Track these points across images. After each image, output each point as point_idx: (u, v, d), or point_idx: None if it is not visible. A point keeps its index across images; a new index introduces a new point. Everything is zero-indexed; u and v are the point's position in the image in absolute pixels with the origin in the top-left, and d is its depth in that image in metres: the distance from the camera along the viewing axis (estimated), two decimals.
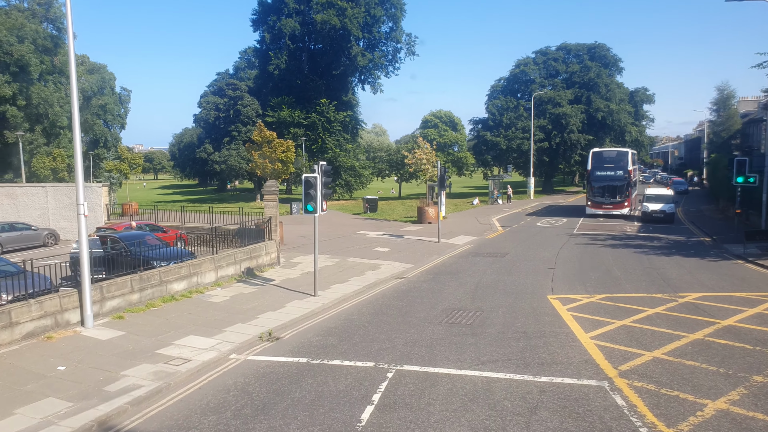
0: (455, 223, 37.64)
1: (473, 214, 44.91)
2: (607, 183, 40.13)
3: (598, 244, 27.68)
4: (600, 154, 41.57)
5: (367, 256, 24.39)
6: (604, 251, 25.59)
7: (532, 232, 33.33)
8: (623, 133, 67.92)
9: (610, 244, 27.87)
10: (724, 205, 42.77)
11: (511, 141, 65.71)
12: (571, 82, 70.22)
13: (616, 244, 27.84)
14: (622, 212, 39.85)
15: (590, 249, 26.29)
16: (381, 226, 36.04)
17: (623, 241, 28.71)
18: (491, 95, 72.83)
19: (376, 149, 77.42)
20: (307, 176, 16.61)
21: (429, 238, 30.16)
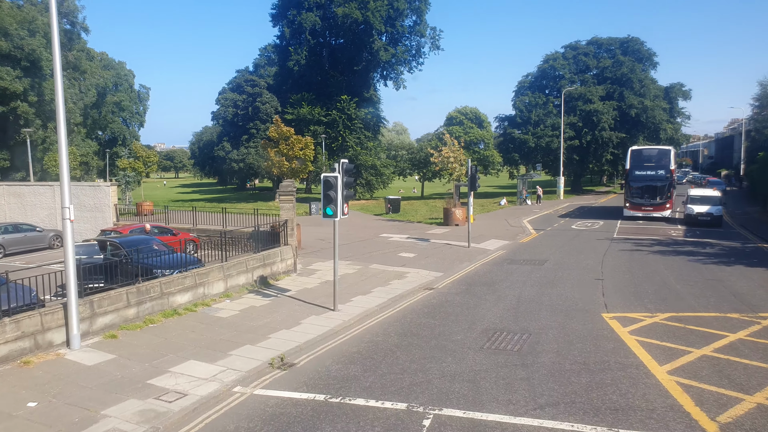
0: (484, 225, 35.39)
1: (502, 215, 42.59)
2: (647, 183, 37.52)
3: (645, 251, 25.25)
4: (640, 152, 38.96)
5: (392, 263, 22.32)
6: (653, 259, 23.17)
7: (569, 236, 30.96)
8: (658, 130, 64.83)
9: (658, 250, 25.41)
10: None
11: (540, 139, 63.11)
12: (602, 78, 67.33)
13: (665, 250, 25.37)
14: (664, 214, 37.24)
15: (637, 256, 23.88)
16: (405, 229, 33.95)
17: (672, 247, 26.22)
18: (518, 91, 70.22)
19: (397, 147, 75.29)
20: (326, 176, 14.60)
21: (457, 242, 27.98)
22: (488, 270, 21.33)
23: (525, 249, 26.43)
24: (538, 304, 15.89)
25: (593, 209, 47.96)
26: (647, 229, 33.62)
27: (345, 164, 15.12)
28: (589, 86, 65.09)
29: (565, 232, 32.71)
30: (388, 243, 27.76)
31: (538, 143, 63.35)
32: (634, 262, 22.35)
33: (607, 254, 24.38)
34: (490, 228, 33.97)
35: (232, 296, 16.55)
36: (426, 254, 24.48)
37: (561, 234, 31.66)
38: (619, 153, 66.11)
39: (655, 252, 24.88)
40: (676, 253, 24.64)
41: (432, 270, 21.06)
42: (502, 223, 36.67)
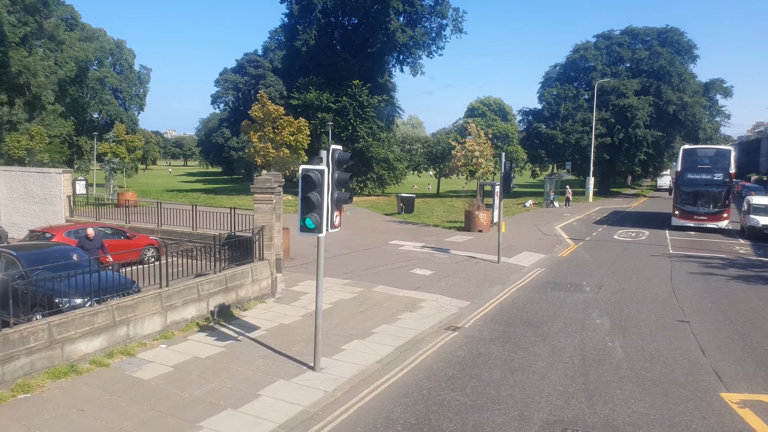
0: (512, 231, 30.30)
1: (530, 219, 37.43)
2: (701, 188, 32.23)
3: (720, 275, 20.07)
4: (694, 152, 33.60)
5: (402, 284, 17.34)
6: (739, 289, 18.01)
7: (615, 249, 25.83)
8: (696, 130, 59.13)
9: (737, 275, 20.22)
10: None
11: (569, 135, 57.68)
12: (637, 71, 61.68)
13: (747, 275, 20.16)
14: (720, 225, 31.93)
15: (715, 283, 18.73)
16: (419, 234, 28.93)
17: (753, 271, 21.02)
18: (545, 83, 64.75)
19: (411, 140, 70.14)
20: (307, 169, 9.69)
21: (484, 255, 22.95)
22: (528, 298, 16.29)
23: (568, 266, 21.34)
24: (614, 367, 10.86)
25: (630, 215, 42.63)
26: (705, 242, 28.38)
27: (338, 152, 10.20)
28: (623, 79, 59.51)
29: (608, 243, 27.55)
30: (398, 254, 22.75)
31: (567, 139, 57.95)
32: (716, 294, 17.20)
33: (674, 279, 19.24)
34: (520, 236, 28.88)
35: (172, 337, 11.66)
36: (446, 272, 19.47)
37: (604, 246, 26.51)
38: (653, 153, 60.67)
39: (735, 278, 19.68)
40: (765, 280, 19.44)
41: (455, 297, 16.06)
42: (531, 230, 31.55)
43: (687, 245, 27.40)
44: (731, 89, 62.48)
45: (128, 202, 38.29)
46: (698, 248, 26.46)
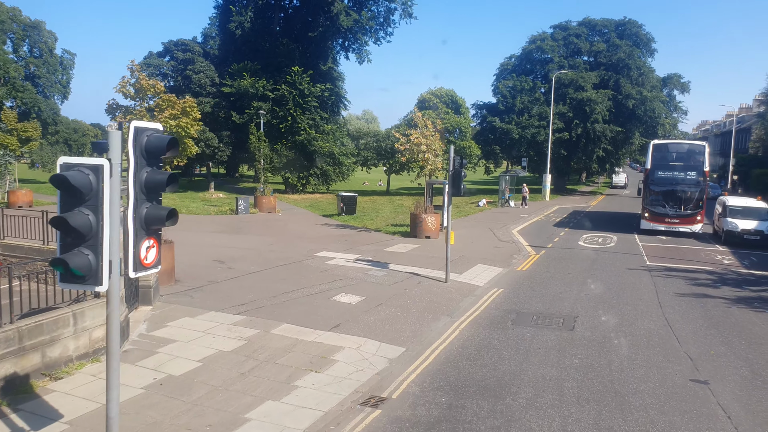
0: (464, 238, 26.26)
1: (484, 221, 33.51)
2: (673, 188, 28.92)
3: (717, 297, 16.39)
4: (664, 147, 30.28)
5: (317, 321, 12.88)
6: (748, 318, 14.26)
7: (583, 259, 22.04)
8: (655, 126, 56.79)
9: (738, 297, 16.55)
10: None
11: (525, 129, 54.28)
12: (596, 64, 58.90)
13: (751, 299, 16.50)
14: (693, 229, 28.68)
15: (715, 311, 14.96)
16: (356, 242, 24.51)
17: (754, 291, 17.43)
18: (500, 75, 61.28)
19: (361, 134, 65.72)
20: (68, 164, 5.07)
21: (430, 270, 18.74)
22: (484, 340, 12.08)
23: (531, 286, 17.30)
24: None
25: (591, 216, 39.29)
26: (681, 250, 24.96)
27: (147, 135, 5.64)
28: (581, 72, 56.55)
29: (573, 252, 23.77)
30: (323, 271, 18.24)
31: (523, 134, 54.54)
32: (723, 328, 13.38)
33: (664, 304, 15.40)
34: (473, 243, 24.83)
35: None
36: (379, 297, 15.10)
37: (570, 256, 22.69)
38: (611, 149, 58.01)
39: (734, 301, 15.99)
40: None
41: (385, 340, 11.71)
42: (486, 236, 27.56)
43: (663, 254, 23.87)
44: (688, 85, 60.55)
45: (19, 200, 32.71)
46: (676, 258, 22.94)
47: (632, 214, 40.74)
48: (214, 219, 31.14)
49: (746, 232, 26.07)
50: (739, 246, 26.04)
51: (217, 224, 28.88)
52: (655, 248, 25.24)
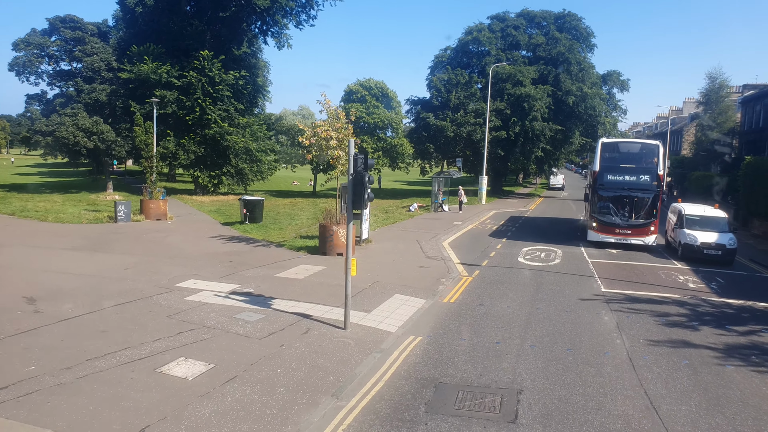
0: (385, 254, 21.72)
1: (413, 230, 29.08)
2: (625, 193, 25.31)
3: (701, 347, 12.37)
4: (614, 147, 26.65)
5: (106, 424, 7.87)
6: (757, 390, 10.24)
7: (525, 284, 17.85)
8: (596, 125, 54.07)
9: (727, 346, 12.56)
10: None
11: (461, 127, 50.30)
12: (534, 58, 55.69)
13: (743, 346, 12.58)
14: (646, 241, 25.17)
15: (709, 376, 10.86)
16: (244, 263, 19.42)
17: (744, 335, 13.54)
18: (435, 67, 57.16)
19: (296, 132, 60.26)
20: None
21: (328, 309, 13.96)
22: None
23: (458, 331, 12.81)
24: None
25: (531, 223, 35.63)
26: (636, 268, 21.24)
27: None
28: (519, 66, 53.15)
29: (513, 273, 19.59)
30: (172, 315, 13.07)
31: (458, 132, 50.57)
32: (734, 410, 9.24)
33: (637, 363, 11.20)
34: (395, 262, 20.24)
35: None
36: (236, 365, 10.19)
37: (509, 279, 18.46)
38: (550, 150, 54.91)
39: (727, 354, 11.99)
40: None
41: None
42: (412, 250, 23.04)
43: (617, 274, 20.03)
44: (628, 83, 58.06)
45: None
46: (634, 280, 19.13)
47: (574, 220, 37.39)
48: (82, 229, 25.33)
49: (706, 246, 22.65)
50: (699, 262, 22.60)
51: (80, 237, 23.15)
52: (607, 267, 21.41)
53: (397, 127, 47.65)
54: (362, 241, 23.39)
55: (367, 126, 47.33)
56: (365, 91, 47.08)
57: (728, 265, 22.63)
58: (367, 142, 46.00)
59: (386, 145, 46.84)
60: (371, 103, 46.62)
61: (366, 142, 45.97)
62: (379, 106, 47.15)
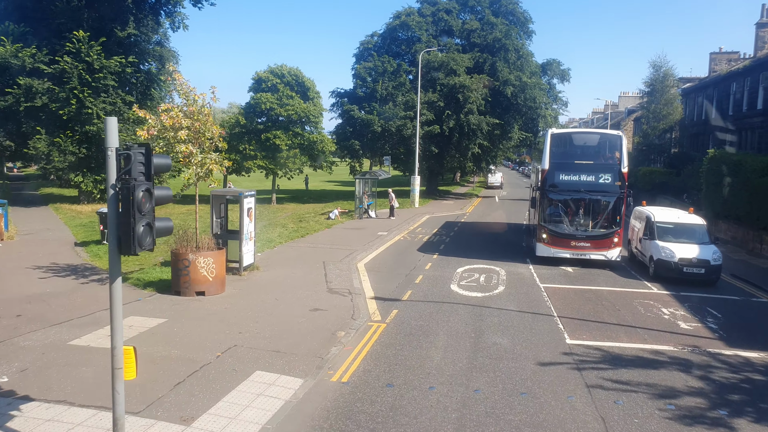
0: (268, 288, 15.81)
1: (323, 247, 23.18)
2: (581, 197, 20.35)
3: None
4: (568, 140, 21.63)
5: None
6: None
7: (458, 337, 12.36)
8: (536, 117, 49.80)
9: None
10: (746, 233, 24.92)
11: (390, 121, 44.82)
12: (469, 45, 50.89)
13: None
14: (608, 256, 20.22)
15: None
16: (41, 316, 13.08)
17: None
18: (361, 55, 51.53)
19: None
20: None
21: (127, 418, 7.86)
22: None
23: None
24: None
25: (467, 230, 30.49)
26: (603, 296, 16.18)
27: None
28: (453, 53, 48.18)
29: (442, 312, 14.10)
30: None
31: (387, 127, 45.07)
32: None
33: None
34: (279, 304, 14.31)
35: None
36: None
37: (436, 326, 12.92)
38: (488, 146, 50.22)
39: None
40: None
41: None
42: (312, 281, 17.15)
43: (581, 308, 14.88)
44: (569, 72, 54.12)
45: None
46: (604, 316, 14.02)
47: (516, 225, 32.53)
48: None
49: (686, 263, 17.87)
50: (677, 283, 17.83)
51: None
52: (566, 296, 16.26)
53: (316, 120, 41.75)
54: (242, 269, 17.41)
55: (279, 119, 41.10)
56: (276, 79, 40.84)
57: (712, 286, 17.98)
58: (280, 138, 39.81)
59: (303, 142, 40.77)
60: (284, 92, 40.45)
61: (279, 138, 39.75)
62: (294, 97, 41.00)
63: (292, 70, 41.79)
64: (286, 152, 40.06)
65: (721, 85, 45.14)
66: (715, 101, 46.45)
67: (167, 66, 56.43)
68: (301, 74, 42.02)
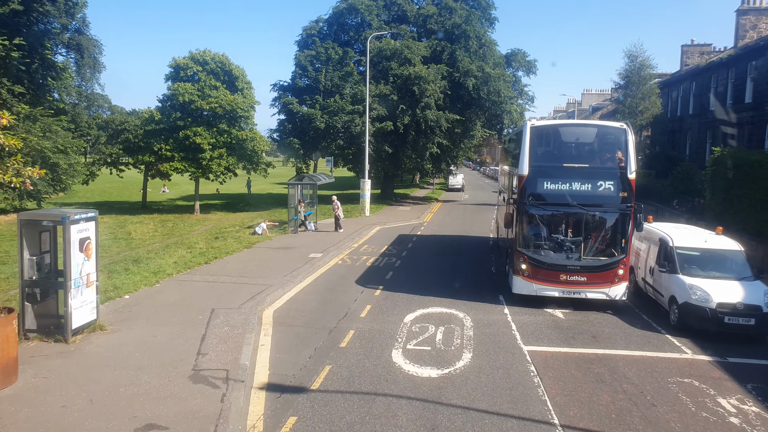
0: (94, 373, 9.70)
1: (225, 281, 17.03)
2: (574, 212, 14.80)
3: None
4: (553, 134, 15.91)
5: None
6: None
7: None
8: (500, 113, 44.52)
9: None
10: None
11: (334, 116, 38.85)
12: (426, 32, 45.43)
13: None
14: (612, 294, 14.68)
15: None
16: None
17: None
18: (304, 43, 45.42)
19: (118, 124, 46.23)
20: None
21: None
22: None
23: None
24: None
25: (424, 247, 24.80)
26: (623, 374, 10.62)
27: None
28: (407, 40, 42.57)
29: (370, 424, 8.25)
30: None
31: (332, 123, 39.07)
32: None
33: None
34: (102, 401, 8.16)
35: None
36: None
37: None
38: (447, 145, 44.80)
39: None
40: None
41: None
42: (179, 349, 11.04)
43: (592, 399, 9.32)
44: (535, 64, 49.07)
45: None
46: (631, 419, 8.50)
47: (481, 240, 27.05)
48: None
49: (729, 310, 12.51)
50: (716, 339, 12.46)
51: None
52: (565, 373, 10.66)
53: (246, 114, 35.50)
54: (69, 334, 11.23)
55: (204, 114, 34.71)
56: (198, 67, 34.42)
57: (764, 344, 12.67)
58: (202, 136, 33.39)
59: (230, 140, 34.45)
60: (207, 82, 34.10)
61: (200, 136, 33.34)
62: (219, 87, 34.66)
63: (217, 57, 35.38)
64: (209, 153, 33.66)
65: (700, 78, 41.13)
66: (692, 96, 42.34)
67: (86, 57, 49.58)
68: (228, 61, 35.64)
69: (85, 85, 50.69)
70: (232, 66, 35.81)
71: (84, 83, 50.34)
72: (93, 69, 49.71)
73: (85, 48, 46.69)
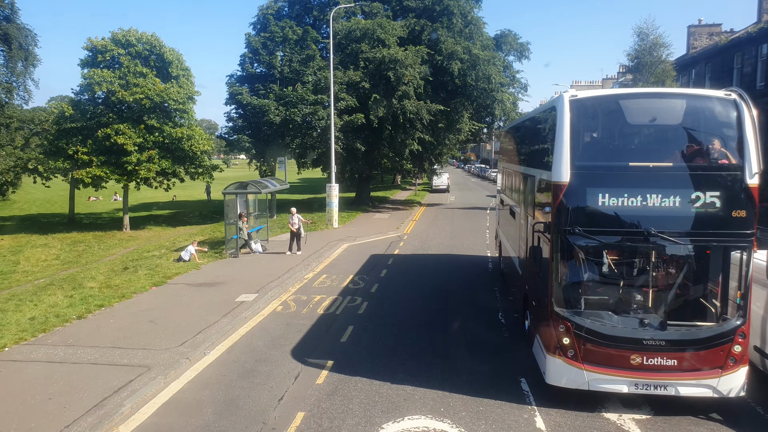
0: None
1: (83, 360, 10.53)
2: (652, 245, 8.46)
3: None
4: (611, 111, 9.49)
5: None
6: None
7: None
8: (491, 102, 38.22)
9: None
10: None
11: (293, 108, 32.30)
12: (402, 9, 39.09)
13: None
14: (722, 387, 8.38)
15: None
16: None
17: None
18: (261, 25, 38.76)
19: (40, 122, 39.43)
20: None
21: None
22: None
23: None
24: None
25: (403, 275, 18.41)
26: None
27: None
28: (381, 19, 36.20)
29: None
30: None
31: (290, 117, 32.49)
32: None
33: None
34: None
35: None
36: None
37: None
38: (431, 140, 38.42)
39: None
40: None
41: None
42: None
43: None
44: (528, 47, 43.02)
45: None
46: None
47: (477, 261, 20.72)
48: None
49: None
50: None
51: None
52: None
53: (183, 107, 28.88)
54: None
55: (131, 107, 28.00)
56: (120, 50, 27.67)
57: None
58: (125, 135, 26.71)
59: (162, 139, 27.79)
60: (132, 69, 27.41)
61: (123, 135, 26.65)
62: (148, 75, 27.97)
63: (145, 37, 28.62)
64: (136, 155, 27.00)
65: (717, 59, 35.94)
66: (708, 80, 36.86)
67: (14, 49, 43.05)
68: (160, 42, 28.94)
69: (15, 81, 44.13)
70: (165, 49, 29.09)
71: (14, 78, 43.76)
72: (25, 62, 43.06)
73: (14, 38, 40.30)
